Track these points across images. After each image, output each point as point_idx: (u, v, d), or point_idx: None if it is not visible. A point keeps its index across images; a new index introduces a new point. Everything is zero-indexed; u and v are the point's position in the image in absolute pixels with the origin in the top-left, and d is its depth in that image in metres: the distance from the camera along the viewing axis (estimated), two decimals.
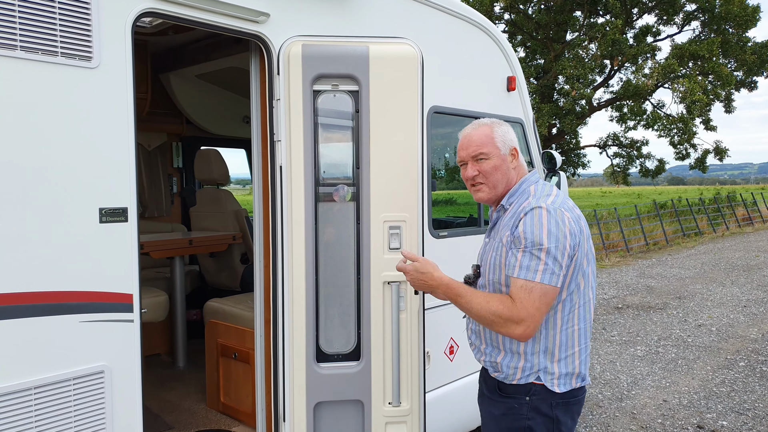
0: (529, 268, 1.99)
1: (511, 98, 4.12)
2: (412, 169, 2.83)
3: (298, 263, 2.78)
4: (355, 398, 2.84)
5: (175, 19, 2.44)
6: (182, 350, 4.81)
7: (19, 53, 1.99)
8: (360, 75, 2.77)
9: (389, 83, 2.79)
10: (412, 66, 2.82)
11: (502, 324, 2.01)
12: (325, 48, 2.78)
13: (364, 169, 2.80)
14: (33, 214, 2.04)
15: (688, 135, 19.39)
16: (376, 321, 2.82)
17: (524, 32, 20.82)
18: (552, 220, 2.02)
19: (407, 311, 2.83)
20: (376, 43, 2.82)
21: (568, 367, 2.11)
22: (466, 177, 2.25)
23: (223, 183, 5.30)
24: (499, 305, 2.02)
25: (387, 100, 2.79)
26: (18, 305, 2.01)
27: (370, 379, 2.83)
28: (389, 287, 2.80)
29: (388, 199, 2.81)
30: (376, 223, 2.80)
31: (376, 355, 2.83)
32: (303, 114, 2.74)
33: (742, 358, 6.68)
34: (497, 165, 2.19)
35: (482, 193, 2.24)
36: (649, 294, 10.39)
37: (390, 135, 2.80)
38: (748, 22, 18.34)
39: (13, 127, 1.99)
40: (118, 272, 2.25)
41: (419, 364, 2.87)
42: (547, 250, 1.98)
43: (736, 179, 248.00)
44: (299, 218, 2.76)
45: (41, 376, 2.07)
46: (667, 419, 5.03)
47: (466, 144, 2.23)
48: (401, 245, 2.81)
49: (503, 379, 2.17)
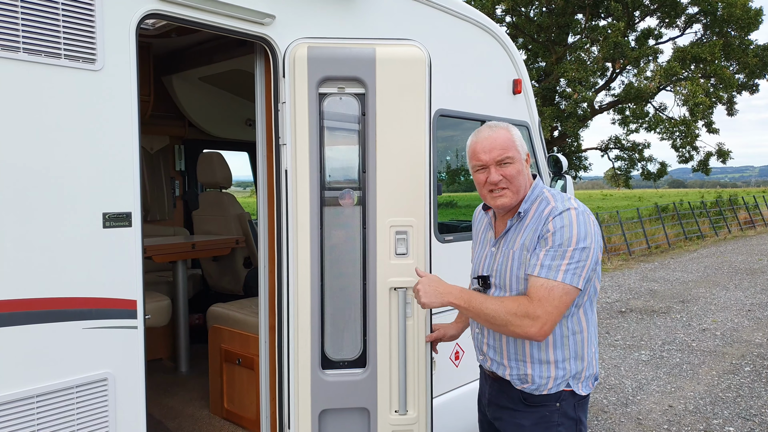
0: (551, 267, 1.98)
1: (516, 101, 4.09)
2: (419, 173, 2.76)
3: (303, 268, 2.73)
4: (361, 406, 2.79)
5: (179, 20, 2.41)
6: (185, 355, 4.77)
7: (22, 55, 1.95)
8: (366, 77, 2.71)
9: (396, 86, 2.73)
10: (419, 68, 2.75)
11: (518, 323, 1.97)
12: (331, 50, 2.73)
13: (370, 172, 2.74)
14: (35, 219, 2.00)
15: (690, 138, 19.35)
16: (382, 327, 2.75)
17: (526, 35, 20.80)
18: (581, 222, 2.01)
19: (414, 318, 2.75)
20: (383, 45, 2.75)
21: (591, 369, 2.16)
22: (491, 182, 2.13)
23: (226, 186, 5.27)
24: (513, 304, 2.00)
25: (394, 102, 2.73)
26: (20, 312, 1.97)
27: (377, 386, 2.77)
28: (396, 293, 2.73)
29: (394, 204, 2.75)
30: (382, 227, 2.74)
31: (382, 363, 2.77)
32: (308, 117, 2.70)
33: (747, 362, 6.64)
34: (520, 169, 2.13)
35: (506, 199, 2.14)
36: (653, 298, 10.35)
37: (397, 138, 2.74)
38: (750, 24, 18.31)
39: (15, 130, 1.95)
40: (121, 278, 2.21)
41: (426, 371, 2.80)
42: (573, 250, 1.97)
43: (737, 182, 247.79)
44: (304, 222, 2.72)
45: (44, 384, 2.03)
46: (674, 425, 4.98)
47: (489, 147, 2.12)
48: (408, 251, 2.75)
49: (533, 390, 2.12)
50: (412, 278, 2.61)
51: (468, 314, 2.13)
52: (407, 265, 2.71)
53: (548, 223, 2.04)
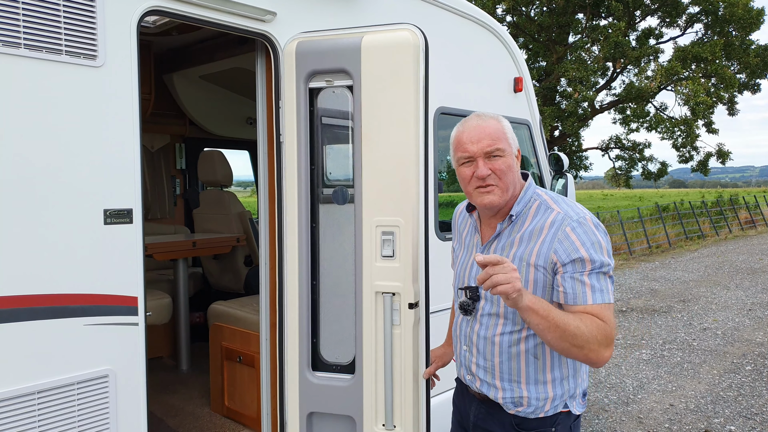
0: (603, 290, 1.77)
1: (518, 99, 4.09)
2: (408, 170, 2.51)
3: (292, 267, 2.71)
4: (347, 414, 2.64)
5: (180, 17, 2.40)
6: (185, 353, 4.77)
7: (23, 51, 1.95)
8: (352, 68, 2.53)
9: (383, 75, 2.50)
10: (409, 54, 2.47)
11: (595, 346, 1.70)
12: (318, 43, 2.61)
13: (356, 169, 2.59)
14: (35, 216, 2.00)
15: (691, 137, 19.34)
16: (368, 334, 2.57)
17: (526, 34, 20.78)
18: (601, 233, 1.82)
19: (401, 326, 2.52)
20: (372, 32, 2.54)
21: (584, 384, 2.00)
22: (478, 176, 1.87)
23: (227, 184, 5.26)
24: (593, 324, 1.71)
25: (381, 93, 2.52)
26: (21, 308, 1.97)
27: (362, 395, 2.60)
28: (381, 298, 2.53)
29: (381, 202, 2.54)
30: (368, 227, 2.56)
31: (368, 371, 2.58)
32: (297, 113, 2.66)
33: (748, 362, 6.63)
34: (511, 165, 1.88)
35: (494, 196, 1.88)
36: (653, 297, 10.34)
37: (383, 132, 2.53)
38: (752, 24, 18.30)
39: (16, 126, 1.95)
40: (123, 275, 2.21)
41: (413, 386, 2.54)
42: (608, 266, 1.79)
43: (737, 182, 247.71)
44: (293, 220, 2.70)
45: (45, 381, 2.03)
46: (675, 424, 4.97)
47: (477, 137, 1.87)
48: (394, 253, 2.51)
49: (529, 413, 1.90)
50: (398, 283, 2.48)
51: (540, 325, 1.70)
52: (393, 269, 2.51)
53: (555, 236, 1.81)
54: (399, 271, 2.49)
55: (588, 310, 1.74)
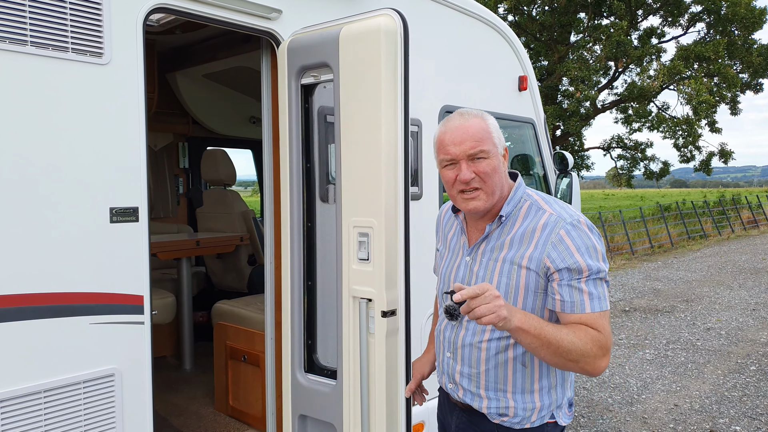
0: (600, 297, 1.72)
1: (522, 98, 4.08)
2: (384, 167, 2.31)
3: (285, 266, 2.70)
4: (328, 420, 2.53)
5: (186, 15, 2.40)
6: (189, 352, 4.76)
7: (29, 49, 1.94)
8: (332, 61, 2.42)
9: (359, 67, 2.33)
10: (383, 42, 2.23)
11: (591, 359, 1.65)
12: (307, 37, 2.54)
13: (336, 167, 2.48)
14: (41, 214, 1.99)
15: (693, 137, 19.30)
16: (346, 340, 2.44)
17: (528, 34, 20.75)
18: (595, 237, 1.75)
19: (376, 335, 2.34)
20: (352, 22, 2.37)
21: (570, 393, 1.92)
22: (461, 180, 1.78)
23: (230, 184, 5.26)
24: (586, 335, 1.66)
25: (355, 86, 2.36)
26: (27, 307, 1.96)
27: (342, 403, 2.49)
28: (357, 303, 2.39)
29: (357, 202, 2.41)
30: (346, 227, 2.44)
31: (347, 379, 2.46)
32: (288, 110, 2.65)
33: (753, 362, 6.61)
34: (496, 166, 1.78)
35: (478, 202, 1.79)
36: (656, 297, 10.32)
37: (359, 127, 2.38)
38: (754, 24, 18.26)
39: (23, 123, 1.94)
40: (128, 273, 2.20)
41: (386, 402, 2.36)
42: (604, 271, 1.74)
43: (739, 182, 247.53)
44: (285, 219, 2.69)
45: (51, 380, 2.02)
46: (679, 424, 4.96)
47: (460, 138, 1.77)
48: (369, 256, 2.35)
49: (515, 424, 1.82)
50: (371, 288, 2.34)
51: (532, 344, 1.65)
52: (367, 273, 2.37)
53: (563, 240, 1.73)
54: (374, 275, 2.34)
55: (584, 319, 1.69)
